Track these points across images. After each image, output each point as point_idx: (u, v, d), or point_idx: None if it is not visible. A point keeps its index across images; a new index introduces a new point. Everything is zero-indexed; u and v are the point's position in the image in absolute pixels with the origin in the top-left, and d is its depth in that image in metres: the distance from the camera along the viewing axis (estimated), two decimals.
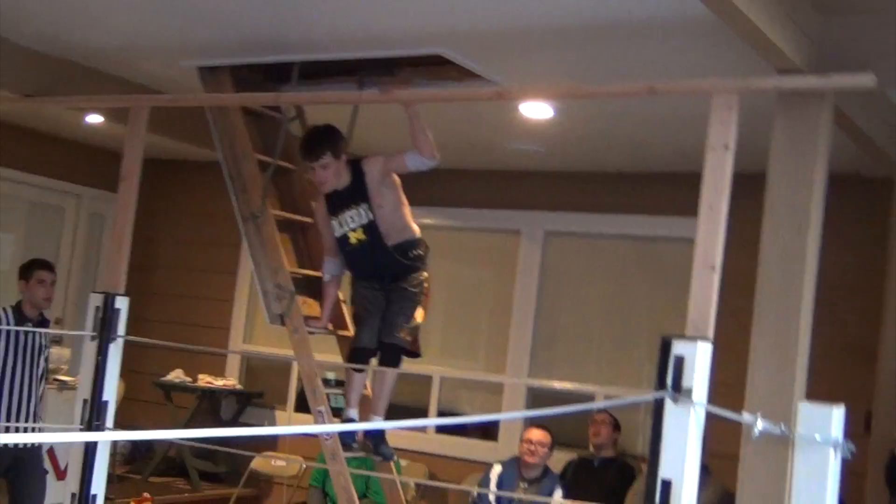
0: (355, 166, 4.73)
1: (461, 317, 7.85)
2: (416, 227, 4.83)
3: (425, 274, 4.82)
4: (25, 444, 5.53)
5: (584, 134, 6.06)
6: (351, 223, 4.69)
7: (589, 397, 7.02)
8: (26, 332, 5.51)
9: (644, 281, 7.13)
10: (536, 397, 7.31)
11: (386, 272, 4.75)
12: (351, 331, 5.03)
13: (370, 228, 4.67)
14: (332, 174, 4.66)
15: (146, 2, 4.41)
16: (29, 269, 5.67)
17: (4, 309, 5.64)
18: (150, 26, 4.73)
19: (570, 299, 7.39)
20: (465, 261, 7.93)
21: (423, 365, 7.42)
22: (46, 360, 5.74)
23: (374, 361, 4.91)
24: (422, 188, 7.35)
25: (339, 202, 4.73)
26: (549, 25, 4.08)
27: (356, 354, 4.78)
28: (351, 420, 4.88)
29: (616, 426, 6.57)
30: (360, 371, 4.83)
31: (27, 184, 8.20)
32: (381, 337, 4.76)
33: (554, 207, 7.29)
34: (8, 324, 5.49)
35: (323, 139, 4.67)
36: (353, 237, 4.70)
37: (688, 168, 3.43)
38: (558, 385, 7.21)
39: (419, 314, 4.79)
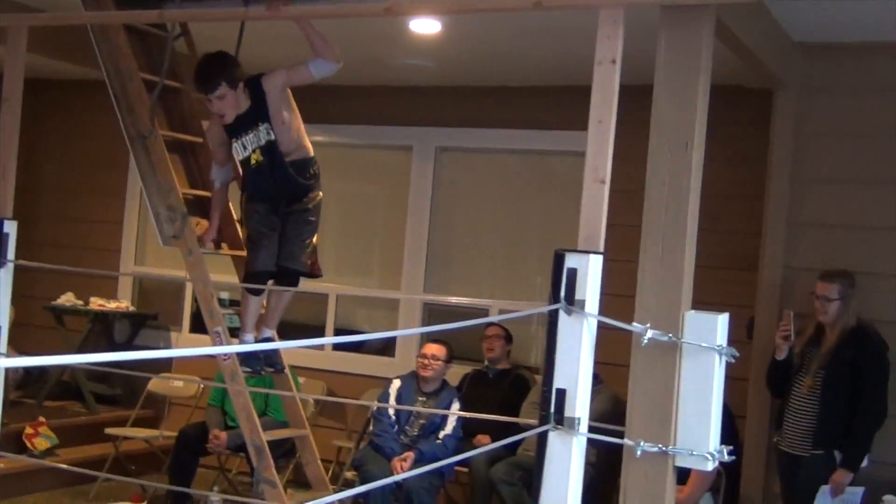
0: (254, 85, 4.63)
1: (355, 234, 7.86)
2: (310, 145, 4.80)
3: (321, 194, 4.80)
4: None
5: (473, 48, 6.06)
6: (252, 145, 4.63)
7: (483, 311, 7.13)
8: None
9: (536, 195, 7.22)
10: (432, 312, 7.40)
11: (284, 193, 4.71)
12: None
13: (269, 149, 4.61)
14: (229, 104, 4.57)
15: None
16: None
17: None
18: None
19: (464, 215, 7.46)
20: (357, 178, 7.91)
21: (319, 283, 7.44)
22: None
23: (270, 282, 4.90)
24: (312, 105, 7.27)
25: (239, 126, 4.65)
26: None
27: (254, 278, 4.75)
28: (245, 340, 4.88)
29: (509, 339, 6.70)
30: (257, 294, 4.81)
31: None
32: (281, 261, 4.75)
33: (445, 123, 7.30)
34: None
35: (216, 69, 4.56)
36: (254, 158, 4.64)
37: (578, 82, 3.48)
38: (453, 300, 7.30)
39: (315, 237, 4.80)
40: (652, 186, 3.62)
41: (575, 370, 3.36)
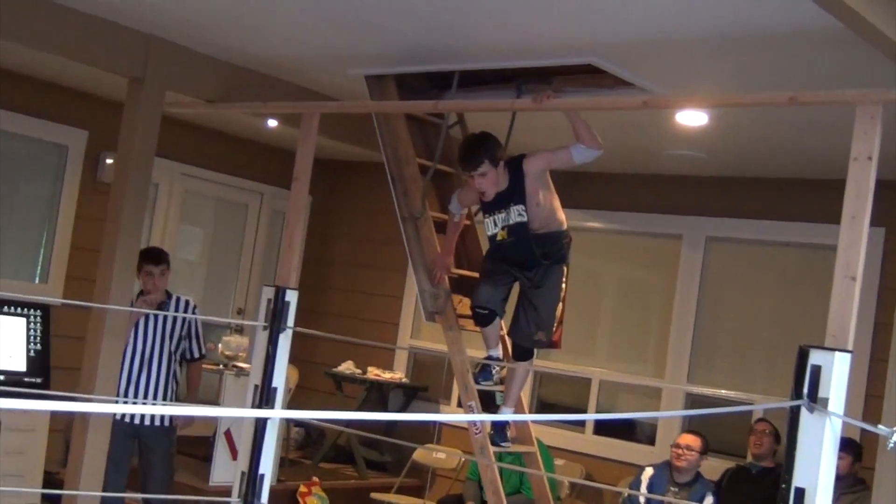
0: (515, 166, 4.80)
1: (626, 320, 7.90)
2: (563, 218, 4.91)
3: (566, 268, 4.92)
4: (147, 424, 5.87)
5: (741, 140, 6.05)
6: (501, 223, 4.82)
7: (747, 405, 6.96)
8: (153, 318, 5.81)
9: (810, 289, 7.02)
10: (695, 403, 7.30)
11: (525, 264, 4.87)
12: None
13: (517, 228, 4.78)
14: (490, 182, 4.76)
15: (318, 17, 4.67)
16: (139, 262, 5.79)
17: (132, 297, 5.91)
18: (320, 38, 5.01)
19: (732, 305, 7.35)
20: (630, 264, 7.98)
21: (582, 367, 7.55)
22: (189, 341, 6.04)
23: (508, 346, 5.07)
24: (586, 192, 7.49)
25: (494, 203, 4.85)
26: (699, 35, 4.14)
27: (475, 312, 4.94)
28: (491, 357, 5.06)
29: (777, 437, 6.51)
30: (483, 325, 4.98)
31: (214, 182, 8.72)
32: (512, 336, 4.91)
33: (715, 213, 7.27)
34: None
35: (480, 148, 4.77)
36: (500, 235, 4.84)
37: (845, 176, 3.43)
38: (717, 392, 7.16)
39: (559, 309, 4.89)
40: None
41: (816, 469, 3.29)
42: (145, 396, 5.82)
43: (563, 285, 4.90)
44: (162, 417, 5.89)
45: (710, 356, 7.34)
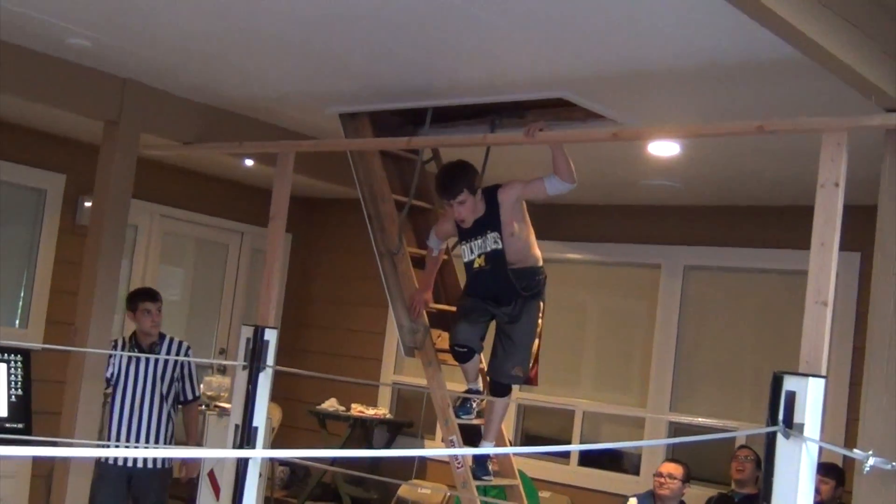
0: (490, 195, 4.83)
1: (608, 351, 7.92)
2: (539, 254, 4.92)
3: (542, 304, 4.93)
4: (140, 466, 5.82)
5: (715, 169, 6.10)
6: (478, 250, 4.84)
7: (727, 432, 6.98)
8: (145, 360, 5.79)
9: (789, 315, 7.04)
10: (678, 431, 7.31)
11: (502, 299, 4.89)
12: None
13: (494, 256, 4.79)
14: (468, 209, 4.78)
15: (293, 57, 4.71)
16: (133, 301, 5.89)
17: (124, 338, 5.97)
18: (295, 79, 5.05)
19: (713, 333, 7.38)
20: (609, 294, 8.01)
21: (566, 398, 7.56)
22: (182, 382, 6.01)
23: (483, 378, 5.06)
24: (565, 223, 7.53)
25: (471, 231, 4.86)
26: (667, 68, 4.19)
27: (453, 351, 4.96)
28: (471, 390, 5.08)
29: (759, 463, 6.52)
30: (462, 362, 5.00)
31: (194, 222, 8.72)
32: (490, 373, 4.92)
33: (693, 241, 7.32)
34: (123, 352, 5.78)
35: (458, 177, 4.78)
36: (477, 263, 4.86)
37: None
38: (698, 420, 7.18)
39: (535, 345, 4.90)
40: (875, 309, 3.54)
41: (793, 495, 3.30)
42: (137, 440, 5.78)
43: (539, 321, 4.91)
44: (154, 459, 5.86)
45: (691, 383, 7.36)
